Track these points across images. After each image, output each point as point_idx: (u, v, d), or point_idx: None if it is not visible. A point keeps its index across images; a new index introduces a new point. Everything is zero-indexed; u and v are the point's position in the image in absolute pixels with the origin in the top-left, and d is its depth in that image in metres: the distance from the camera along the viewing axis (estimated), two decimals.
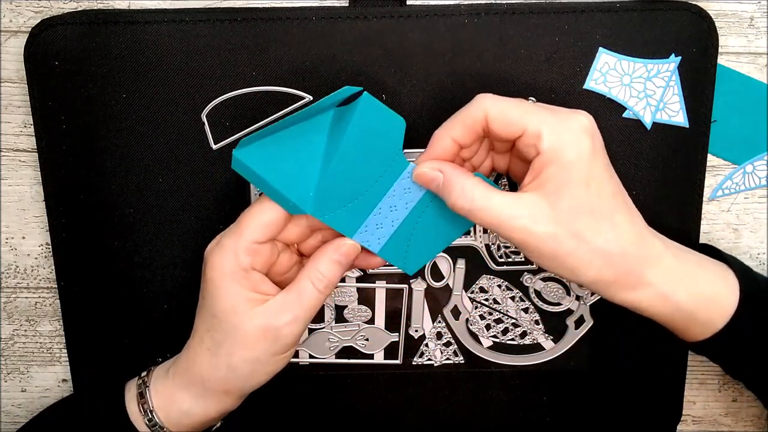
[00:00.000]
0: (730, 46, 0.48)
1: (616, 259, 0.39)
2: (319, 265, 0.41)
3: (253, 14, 0.45)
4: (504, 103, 0.39)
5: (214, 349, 0.41)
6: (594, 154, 0.38)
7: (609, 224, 0.38)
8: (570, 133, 0.38)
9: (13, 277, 0.51)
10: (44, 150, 0.46)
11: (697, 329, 0.42)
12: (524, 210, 0.38)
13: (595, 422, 0.53)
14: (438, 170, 0.40)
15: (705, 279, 0.41)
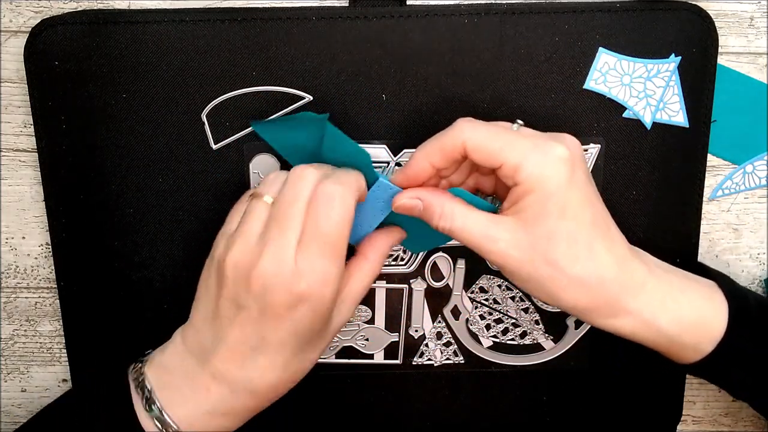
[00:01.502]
0: (730, 46, 0.48)
1: (594, 287, 0.39)
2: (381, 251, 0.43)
3: (253, 14, 0.45)
4: (483, 134, 0.39)
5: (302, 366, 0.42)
6: (571, 183, 0.38)
7: (586, 252, 0.38)
8: (548, 164, 0.38)
9: (13, 277, 0.51)
10: (44, 150, 0.46)
11: (687, 353, 0.41)
12: (502, 233, 0.39)
13: (595, 422, 0.53)
14: (416, 198, 0.41)
15: (690, 303, 0.41)
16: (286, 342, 0.39)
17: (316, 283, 0.38)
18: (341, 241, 0.38)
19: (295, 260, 0.37)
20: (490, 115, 0.46)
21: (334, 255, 0.38)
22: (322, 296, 0.38)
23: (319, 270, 0.38)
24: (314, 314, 0.39)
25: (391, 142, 0.46)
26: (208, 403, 0.40)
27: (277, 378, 0.40)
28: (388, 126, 0.46)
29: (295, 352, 0.40)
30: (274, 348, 0.39)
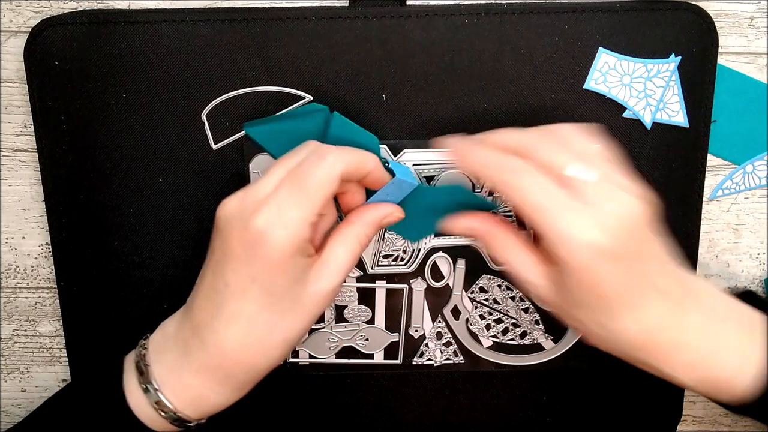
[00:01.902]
0: (730, 46, 0.48)
1: (621, 349, 0.39)
2: (366, 220, 0.41)
3: (253, 14, 0.45)
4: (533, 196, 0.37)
5: (267, 332, 0.38)
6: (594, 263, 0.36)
7: (609, 319, 0.38)
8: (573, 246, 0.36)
9: (13, 277, 0.51)
10: (44, 150, 0.46)
11: (723, 398, 0.40)
12: (539, 279, 0.39)
13: (595, 422, 0.53)
14: (478, 223, 0.42)
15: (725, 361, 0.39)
16: (246, 289, 0.37)
17: (272, 224, 0.36)
18: (317, 193, 0.37)
19: (262, 201, 0.37)
20: (490, 115, 0.46)
21: (302, 202, 0.36)
22: (278, 239, 0.36)
23: (281, 209, 0.36)
24: (272, 261, 0.36)
25: (391, 142, 0.46)
26: (186, 360, 0.39)
27: (241, 333, 0.38)
28: (388, 126, 0.46)
29: (261, 306, 0.37)
30: (236, 296, 0.37)
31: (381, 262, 0.49)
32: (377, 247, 0.48)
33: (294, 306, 0.38)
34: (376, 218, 0.41)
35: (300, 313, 0.38)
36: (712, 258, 0.52)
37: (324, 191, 0.37)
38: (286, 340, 0.39)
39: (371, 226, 0.41)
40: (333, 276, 0.39)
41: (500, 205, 0.42)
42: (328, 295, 0.39)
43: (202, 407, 0.40)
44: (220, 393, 0.39)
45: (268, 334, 0.38)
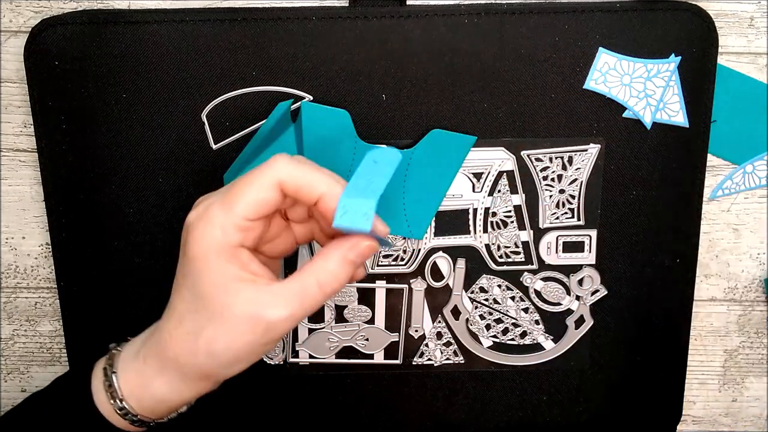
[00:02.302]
0: (730, 46, 0.48)
1: None
2: (328, 264, 0.37)
3: (253, 14, 0.45)
4: None
5: (195, 333, 0.37)
6: None
7: None
8: None
9: (13, 277, 0.51)
10: (44, 150, 0.46)
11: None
12: None
13: (595, 422, 0.53)
14: None
15: None
16: (180, 285, 0.37)
17: (197, 219, 0.36)
18: (243, 196, 0.36)
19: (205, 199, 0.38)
20: (490, 115, 0.46)
21: (227, 202, 0.36)
22: (199, 235, 0.36)
23: (208, 207, 0.36)
24: (193, 257, 0.36)
25: (391, 142, 0.46)
26: (142, 353, 0.39)
27: (173, 328, 0.37)
28: (388, 126, 0.46)
29: (188, 304, 0.37)
30: (175, 292, 0.38)
31: (381, 262, 0.49)
32: None
33: (218, 318, 0.36)
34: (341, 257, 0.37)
35: (225, 329, 0.36)
36: (712, 258, 0.52)
37: (253, 196, 0.36)
38: (210, 350, 0.36)
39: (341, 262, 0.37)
40: (278, 306, 0.36)
41: None
42: (267, 324, 0.36)
43: (160, 405, 0.39)
44: (173, 389, 0.39)
45: (194, 336, 0.37)
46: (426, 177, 0.47)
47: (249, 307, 0.36)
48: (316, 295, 0.36)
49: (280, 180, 0.36)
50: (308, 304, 0.37)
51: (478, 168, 0.47)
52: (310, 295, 0.36)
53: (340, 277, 0.37)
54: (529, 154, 0.47)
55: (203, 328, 0.36)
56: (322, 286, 0.36)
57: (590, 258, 0.49)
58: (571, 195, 0.48)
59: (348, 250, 0.37)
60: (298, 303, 0.36)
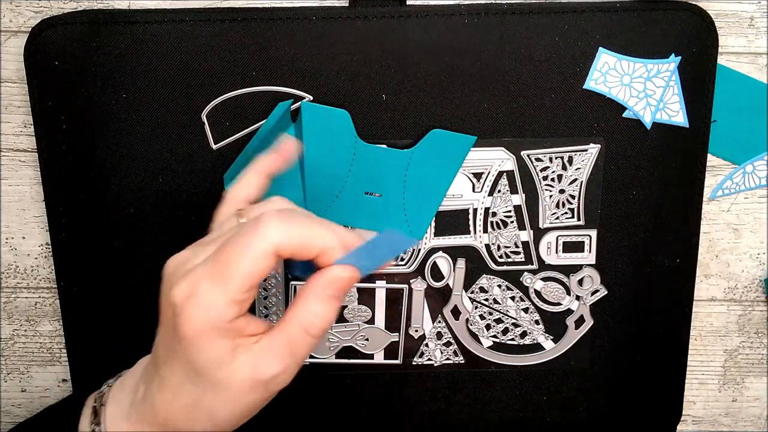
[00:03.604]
0: (730, 46, 0.48)
1: None
2: (310, 306, 0.34)
3: (253, 14, 0.45)
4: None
5: (191, 405, 0.35)
6: None
7: None
8: None
9: (13, 277, 0.51)
10: (44, 150, 0.46)
11: None
12: None
13: (595, 422, 0.53)
14: None
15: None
16: (170, 358, 0.35)
17: (186, 300, 0.33)
18: (238, 273, 0.33)
19: (189, 269, 0.34)
20: (490, 115, 0.46)
21: (220, 281, 0.33)
22: (191, 317, 0.33)
23: (197, 286, 0.33)
24: (186, 338, 0.33)
25: (391, 142, 0.46)
26: (134, 410, 0.37)
27: (168, 400, 0.35)
28: (388, 126, 0.46)
29: (183, 378, 0.35)
30: (164, 363, 0.35)
31: None
32: None
33: (217, 388, 0.34)
34: (321, 296, 0.34)
35: (226, 397, 0.34)
36: (712, 258, 0.52)
37: (247, 268, 0.33)
38: (212, 418, 0.35)
39: (323, 301, 0.34)
40: (271, 363, 0.34)
41: None
42: (267, 383, 0.34)
43: None
44: None
45: (193, 406, 0.35)
46: (426, 177, 0.47)
47: (246, 373, 0.34)
48: (305, 341, 0.34)
49: (276, 247, 0.33)
50: (299, 352, 0.35)
51: (478, 168, 0.47)
52: (299, 344, 0.34)
53: (325, 317, 0.34)
54: (529, 154, 0.47)
55: (202, 398, 0.35)
56: (309, 331, 0.34)
57: (590, 258, 0.49)
58: (571, 195, 0.48)
59: (327, 287, 0.34)
60: (289, 355, 0.34)
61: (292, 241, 0.33)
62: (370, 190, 0.47)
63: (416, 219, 0.48)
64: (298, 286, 0.49)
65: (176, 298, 0.33)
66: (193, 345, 0.33)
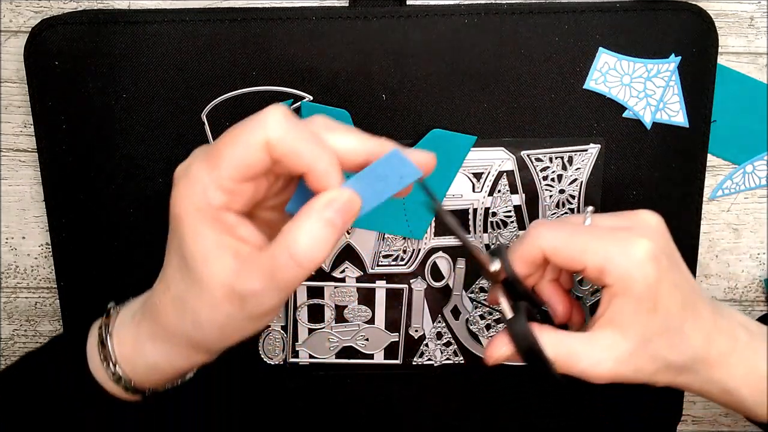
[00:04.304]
0: (730, 46, 0.48)
1: (687, 364, 0.39)
2: (302, 227, 0.31)
3: (253, 14, 0.45)
4: (561, 238, 0.38)
5: (179, 299, 0.34)
6: (659, 277, 0.37)
7: (679, 337, 0.38)
8: (633, 266, 0.36)
9: (13, 277, 0.51)
10: (44, 150, 0.46)
11: (764, 415, 0.40)
12: (602, 352, 0.38)
13: (595, 422, 0.53)
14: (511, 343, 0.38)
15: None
16: (169, 248, 0.35)
17: (179, 176, 0.33)
18: (227, 154, 0.32)
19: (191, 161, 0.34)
20: (490, 115, 0.46)
21: (210, 159, 0.32)
22: (179, 192, 0.33)
23: (191, 164, 0.33)
24: (174, 215, 0.33)
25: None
26: (139, 323, 0.37)
27: (161, 292, 0.35)
28: (388, 126, 0.46)
29: (174, 269, 0.34)
30: (166, 255, 0.35)
31: (381, 262, 0.49)
32: (377, 247, 0.48)
33: (198, 285, 0.33)
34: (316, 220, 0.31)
35: (205, 299, 0.33)
36: (712, 258, 0.52)
37: (239, 157, 0.31)
38: (195, 320, 0.34)
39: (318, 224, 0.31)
40: (251, 278, 0.32)
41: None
42: (244, 298, 0.32)
43: (153, 372, 0.37)
44: (165, 356, 0.36)
45: (180, 303, 0.34)
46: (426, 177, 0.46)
47: (226, 277, 0.32)
48: (289, 268, 0.31)
49: (269, 140, 0.31)
50: (282, 279, 0.31)
51: (478, 168, 0.47)
52: (282, 269, 0.31)
53: (317, 244, 0.31)
54: (529, 154, 0.47)
55: (187, 295, 0.33)
56: (296, 258, 0.31)
57: None
58: (571, 195, 0.48)
59: (324, 207, 0.31)
60: (269, 277, 0.31)
61: (287, 141, 0.31)
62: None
63: (416, 219, 0.48)
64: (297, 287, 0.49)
65: (176, 176, 0.33)
66: (182, 225, 0.33)
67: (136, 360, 0.37)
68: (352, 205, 0.32)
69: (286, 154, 0.31)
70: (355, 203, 0.32)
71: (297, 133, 0.31)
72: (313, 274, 0.49)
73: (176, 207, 0.33)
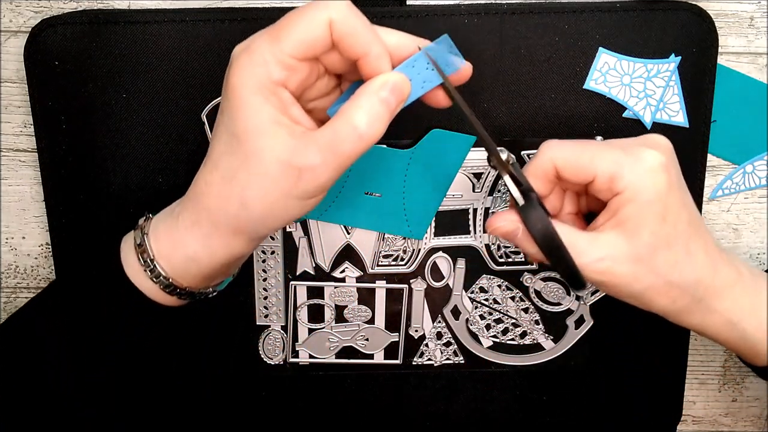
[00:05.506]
0: (730, 46, 0.48)
1: (689, 288, 0.39)
2: (361, 102, 0.34)
3: (253, 14, 0.45)
4: (570, 149, 0.39)
5: (228, 176, 0.35)
6: (670, 188, 0.38)
7: (684, 254, 0.38)
8: (645, 172, 0.37)
9: (13, 277, 0.51)
10: (44, 150, 0.46)
11: (764, 357, 0.41)
12: (605, 250, 0.38)
13: (595, 422, 0.53)
14: (517, 221, 0.39)
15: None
16: (218, 125, 0.35)
17: (240, 51, 0.34)
18: (290, 30, 0.34)
19: (253, 38, 0.35)
20: (490, 115, 0.46)
21: (273, 35, 0.34)
22: (238, 65, 0.34)
23: (253, 40, 0.34)
24: (230, 89, 0.34)
25: (391, 142, 0.46)
26: (179, 218, 0.37)
27: (207, 174, 0.36)
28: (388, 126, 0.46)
29: (224, 147, 0.35)
30: (214, 135, 0.36)
31: (381, 262, 0.49)
32: (377, 247, 0.48)
33: (251, 161, 0.34)
34: (373, 96, 0.34)
35: (258, 175, 0.34)
36: None
37: (302, 31, 0.34)
38: (243, 199, 0.35)
39: (373, 102, 0.35)
40: (311, 152, 0.34)
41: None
42: (300, 171, 0.34)
43: (191, 265, 0.38)
44: (204, 244, 0.37)
45: (228, 181, 0.35)
46: (426, 177, 0.47)
47: (282, 152, 0.34)
48: (350, 138, 0.34)
49: (332, 18, 0.34)
50: (343, 150, 0.34)
51: (478, 168, 0.47)
52: (345, 141, 0.34)
53: (376, 118, 0.34)
54: (529, 154, 0.47)
55: (237, 171, 0.34)
56: (359, 130, 0.34)
57: None
58: None
59: (379, 88, 0.35)
60: (331, 151, 0.34)
61: (348, 22, 0.34)
62: (370, 189, 0.47)
63: (416, 219, 0.48)
64: (297, 286, 0.49)
65: (234, 52, 0.34)
66: (238, 98, 0.34)
67: (174, 254, 0.37)
68: (403, 86, 0.35)
69: (347, 35, 0.34)
70: (405, 85, 0.35)
71: (357, 17, 0.34)
72: (313, 273, 0.49)
73: (233, 80, 0.34)
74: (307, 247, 0.48)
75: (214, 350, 0.50)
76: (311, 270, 0.49)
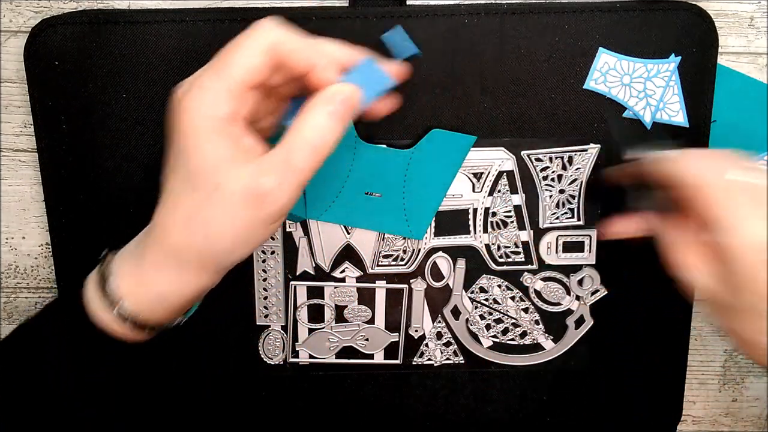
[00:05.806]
0: (730, 46, 0.48)
1: None
2: (311, 118, 0.35)
3: (253, 14, 0.44)
4: None
5: (191, 214, 0.35)
6: None
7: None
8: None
9: (13, 277, 0.51)
10: (44, 150, 0.46)
11: None
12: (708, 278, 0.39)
13: (595, 422, 0.53)
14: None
15: None
16: (173, 167, 0.35)
17: (186, 91, 0.34)
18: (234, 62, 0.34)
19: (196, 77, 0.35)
20: (489, 115, 0.46)
21: (218, 70, 0.34)
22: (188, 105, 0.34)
23: (198, 78, 0.35)
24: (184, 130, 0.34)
25: (391, 142, 0.46)
26: (142, 255, 0.37)
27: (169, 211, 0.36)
28: (388, 126, 0.46)
29: (183, 184, 0.35)
30: (168, 175, 0.36)
31: (381, 262, 0.49)
32: (377, 247, 0.48)
33: (212, 197, 0.34)
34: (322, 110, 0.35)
35: (221, 208, 0.34)
36: None
37: (246, 60, 0.34)
38: (207, 233, 0.35)
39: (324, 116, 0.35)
40: (268, 176, 0.34)
41: None
42: (262, 197, 0.34)
43: (160, 303, 0.37)
44: (171, 281, 0.37)
45: (191, 218, 0.35)
46: (426, 177, 0.47)
47: (243, 182, 0.34)
48: (304, 152, 0.34)
49: (271, 44, 0.34)
50: (298, 166, 0.34)
51: (478, 168, 0.47)
52: (299, 155, 0.34)
53: (327, 132, 0.35)
54: (529, 154, 0.47)
55: (201, 208, 0.35)
56: (308, 141, 0.34)
57: (590, 258, 0.49)
58: (571, 195, 0.48)
59: (328, 101, 0.35)
60: (286, 168, 0.34)
61: (290, 42, 0.34)
62: (370, 190, 0.47)
63: (416, 219, 0.48)
64: (297, 286, 0.49)
65: (178, 94, 0.35)
66: (190, 139, 0.34)
67: (140, 292, 0.37)
68: (353, 100, 0.36)
69: (290, 53, 0.35)
70: (355, 98, 0.36)
71: (296, 35, 0.35)
72: (313, 273, 0.49)
73: (184, 121, 0.34)
74: (307, 247, 0.48)
75: (214, 350, 0.50)
76: (311, 270, 0.49)
